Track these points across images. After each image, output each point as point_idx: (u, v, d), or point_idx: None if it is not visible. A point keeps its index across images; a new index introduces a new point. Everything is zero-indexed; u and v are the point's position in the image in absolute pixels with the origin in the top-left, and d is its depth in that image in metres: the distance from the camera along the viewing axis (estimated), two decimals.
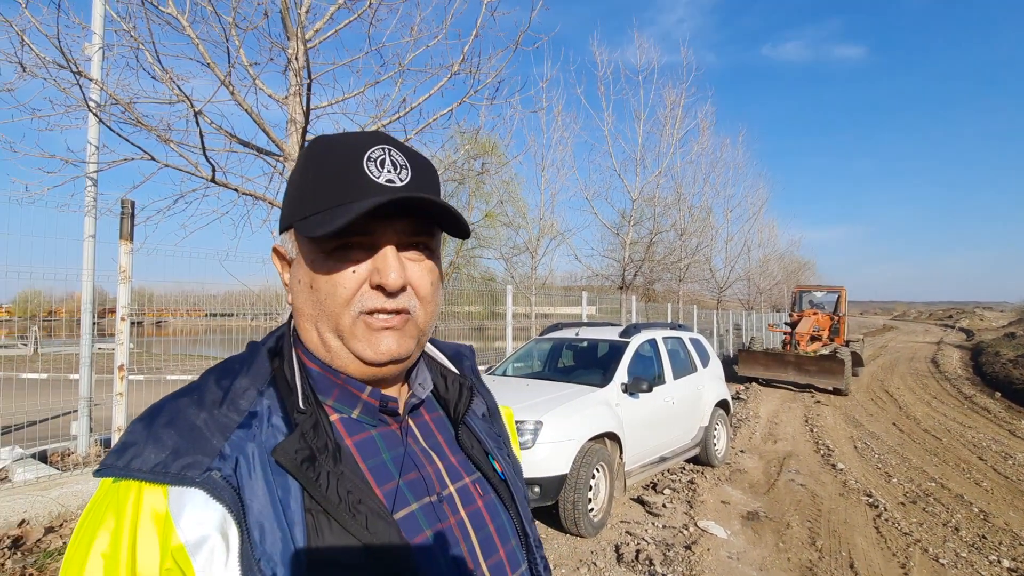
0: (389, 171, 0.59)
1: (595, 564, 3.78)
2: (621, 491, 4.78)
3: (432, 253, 0.64)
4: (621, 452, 4.70)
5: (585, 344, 6.08)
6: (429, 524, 0.61)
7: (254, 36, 4.85)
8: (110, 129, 4.06)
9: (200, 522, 0.49)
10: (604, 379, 5.01)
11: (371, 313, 0.60)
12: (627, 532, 4.36)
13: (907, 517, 4.83)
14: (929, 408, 10.72)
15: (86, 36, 4.86)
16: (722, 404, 6.50)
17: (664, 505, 4.95)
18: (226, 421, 0.55)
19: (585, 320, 10.09)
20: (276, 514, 0.52)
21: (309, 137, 5.03)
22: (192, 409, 0.55)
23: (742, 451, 7.07)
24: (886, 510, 4.97)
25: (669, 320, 14.37)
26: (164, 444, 0.52)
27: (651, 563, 3.76)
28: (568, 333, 6.24)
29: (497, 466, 0.72)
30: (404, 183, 0.59)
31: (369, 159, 0.58)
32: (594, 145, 20.42)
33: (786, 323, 15.90)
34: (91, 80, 4.29)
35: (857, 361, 14.23)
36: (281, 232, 0.66)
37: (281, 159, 5.06)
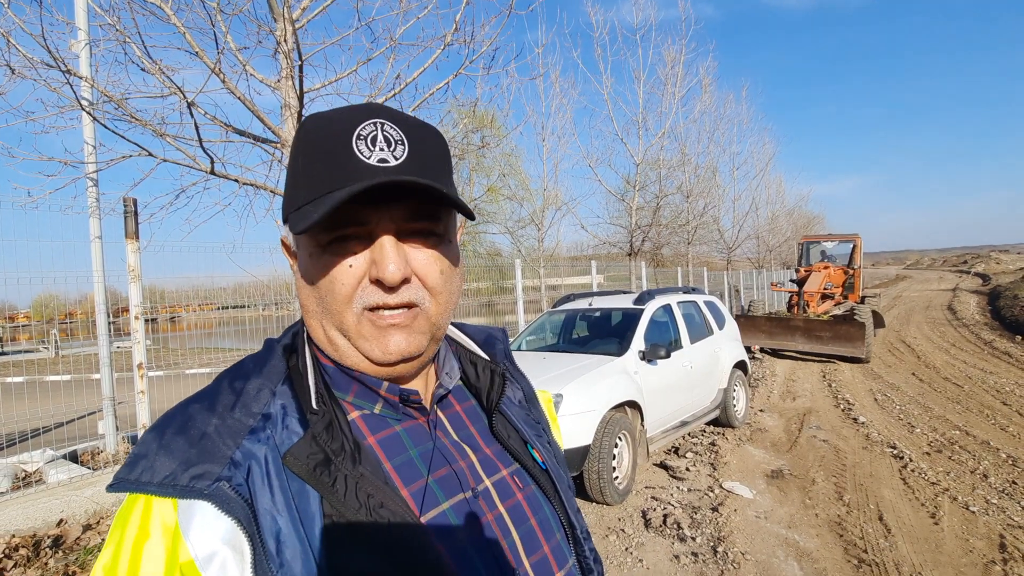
0: (381, 149, 0.52)
1: (623, 531, 3.81)
2: (644, 458, 4.80)
3: (440, 239, 0.58)
4: (642, 419, 4.70)
5: (599, 314, 6.03)
6: (463, 523, 0.57)
7: (240, 20, 4.72)
8: (105, 127, 4.00)
9: (209, 536, 0.47)
10: (621, 348, 4.98)
11: (374, 310, 0.55)
12: (653, 498, 4.38)
13: (933, 467, 4.82)
14: (948, 356, 10.63)
15: (71, 33, 4.76)
16: (740, 365, 6.47)
17: (688, 469, 4.97)
18: (238, 426, 0.51)
19: (595, 289, 10.04)
20: (294, 523, 0.49)
21: None
22: (203, 415, 0.52)
23: (761, 410, 7.07)
24: (911, 461, 4.96)
25: (680, 284, 14.28)
26: (174, 454, 0.49)
27: (679, 527, 3.78)
28: (581, 304, 6.20)
29: (537, 455, 0.68)
30: (399, 161, 0.52)
31: (359, 137, 0.52)
32: (594, 110, 20.11)
33: (792, 280, 13.69)
34: (81, 78, 4.20)
35: (878, 322, 11.93)
36: (283, 222, 0.60)
37: (278, 146, 4.98)
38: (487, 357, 0.74)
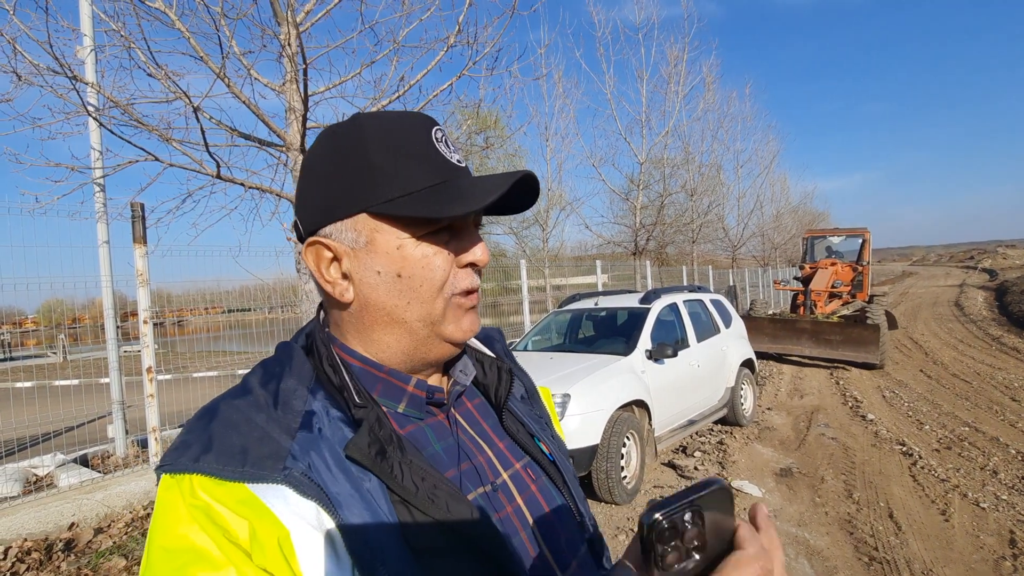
0: (453, 151, 0.59)
1: (632, 530, 3.81)
2: (652, 457, 4.79)
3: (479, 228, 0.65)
4: (650, 418, 4.69)
5: (605, 313, 6.03)
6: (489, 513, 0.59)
7: (244, 25, 4.73)
8: (112, 132, 4.03)
9: (293, 512, 0.47)
10: (628, 347, 4.97)
11: (466, 293, 0.60)
12: (661, 497, 4.37)
13: (943, 463, 4.79)
14: (956, 352, 10.57)
15: (77, 39, 4.79)
16: (747, 363, 6.45)
17: (696, 468, 4.95)
18: (286, 422, 0.52)
19: (600, 289, 10.02)
20: (368, 505, 0.50)
21: (310, 125, 4.94)
22: (251, 411, 0.52)
23: (769, 408, 7.04)
24: (921, 458, 4.93)
25: (685, 282, 14.23)
26: (231, 444, 0.49)
27: None
28: (587, 303, 6.19)
29: (544, 448, 0.71)
30: (464, 163, 0.60)
31: (435, 138, 0.58)
32: (597, 110, 20.05)
33: (796, 278, 12.69)
34: (87, 84, 4.23)
35: (891, 323, 10.88)
36: (331, 222, 0.58)
37: (283, 149, 5.00)
38: (493, 355, 0.76)
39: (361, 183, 0.56)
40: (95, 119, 4.13)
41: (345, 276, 0.59)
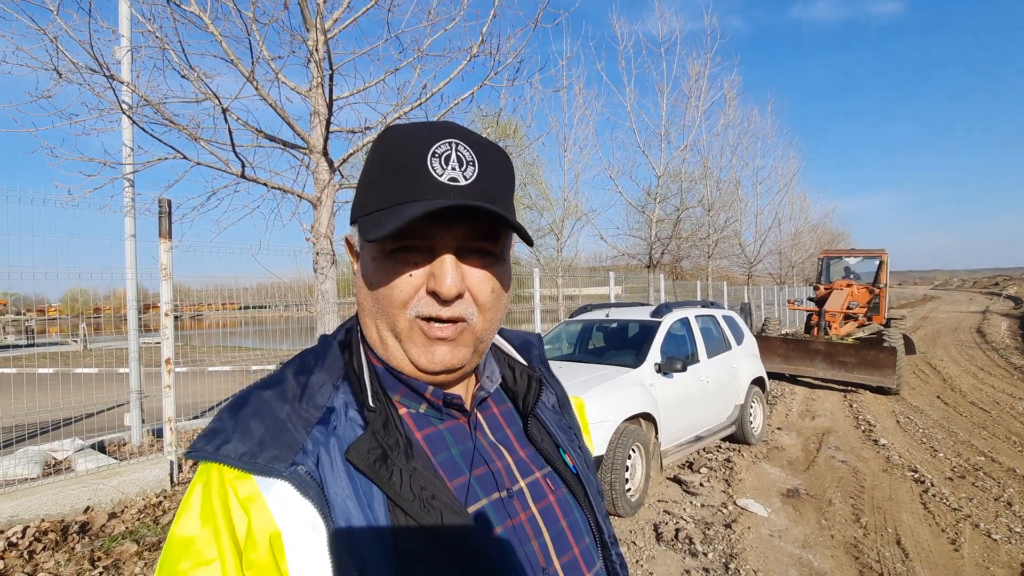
0: (453, 168, 0.55)
1: (635, 543, 3.80)
2: (657, 471, 4.78)
3: (496, 259, 0.60)
4: (656, 432, 4.68)
5: (616, 325, 6.04)
6: (499, 520, 0.60)
7: (274, 29, 4.87)
8: (143, 130, 4.16)
9: (290, 512, 0.51)
10: (637, 359, 4.98)
11: (427, 320, 0.58)
12: (665, 511, 4.36)
13: (956, 492, 4.70)
14: (975, 380, 10.35)
15: (115, 40, 4.97)
16: (757, 381, 6.40)
17: (701, 484, 4.93)
18: (307, 416, 0.56)
19: (613, 300, 10.02)
20: (362, 509, 0.52)
21: (333, 128, 5.06)
22: (276, 402, 0.56)
23: (779, 428, 6.96)
24: (933, 485, 4.84)
25: (699, 298, 14.14)
26: (252, 434, 0.53)
27: (691, 541, 3.76)
28: (598, 314, 6.21)
29: (568, 460, 0.70)
30: (468, 182, 0.56)
31: (434, 155, 0.55)
32: (616, 122, 20.13)
33: (810, 299, 12.59)
34: (123, 83, 4.39)
35: (909, 347, 10.51)
36: (351, 223, 0.64)
37: (306, 151, 5.12)
38: (524, 362, 0.76)
39: (361, 194, 0.61)
40: (129, 117, 4.28)
41: (356, 273, 0.64)
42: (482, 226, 0.58)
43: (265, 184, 5.00)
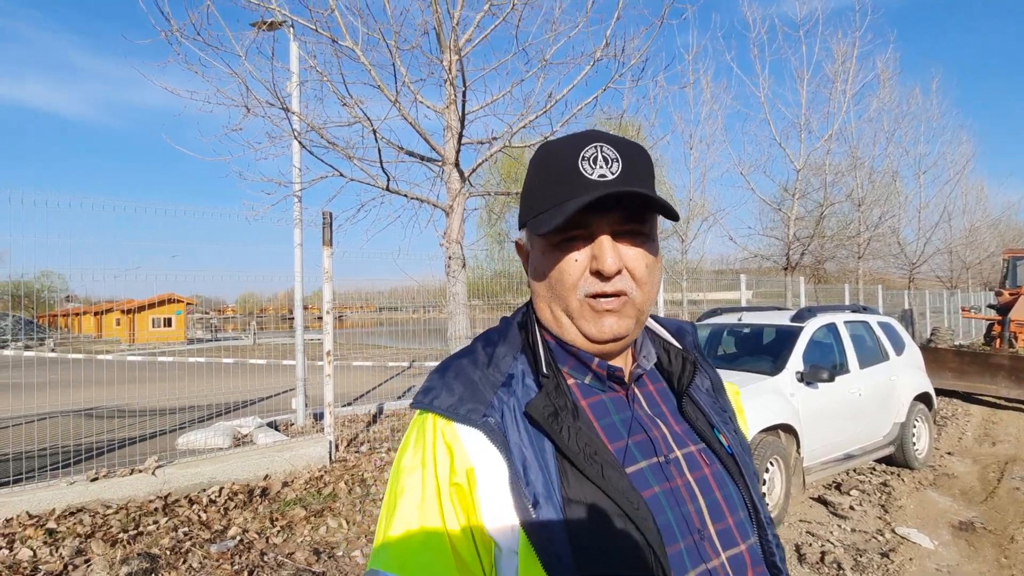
0: (601, 167, 0.65)
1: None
2: (800, 488, 4.43)
3: (646, 238, 0.69)
4: (798, 446, 4.34)
5: (749, 330, 5.69)
6: (657, 481, 0.66)
7: (410, 55, 5.34)
8: (311, 153, 4.80)
9: (483, 454, 0.63)
10: (775, 367, 4.65)
11: (594, 297, 0.67)
12: (808, 532, 4.03)
13: None
14: None
15: (287, 77, 5.79)
16: (923, 398, 5.64)
17: (852, 507, 4.47)
18: (493, 379, 0.68)
19: (744, 305, 9.41)
20: (537, 456, 0.63)
21: (464, 141, 5.41)
22: (471, 368, 0.70)
23: (949, 453, 6.06)
24: None
25: (847, 302, 12.74)
26: (454, 391, 0.67)
27: (839, 567, 3.44)
28: (729, 318, 5.90)
29: (723, 439, 0.74)
30: (615, 176, 0.65)
31: (583, 158, 0.65)
32: (748, 114, 18.75)
33: (991, 306, 11.49)
34: (294, 113, 5.11)
35: None
36: (520, 228, 0.77)
37: (440, 164, 5.53)
38: (679, 345, 0.83)
39: (525, 203, 0.73)
40: (299, 142, 4.96)
41: (526, 270, 0.76)
42: (631, 211, 0.67)
43: (405, 195, 5.50)
